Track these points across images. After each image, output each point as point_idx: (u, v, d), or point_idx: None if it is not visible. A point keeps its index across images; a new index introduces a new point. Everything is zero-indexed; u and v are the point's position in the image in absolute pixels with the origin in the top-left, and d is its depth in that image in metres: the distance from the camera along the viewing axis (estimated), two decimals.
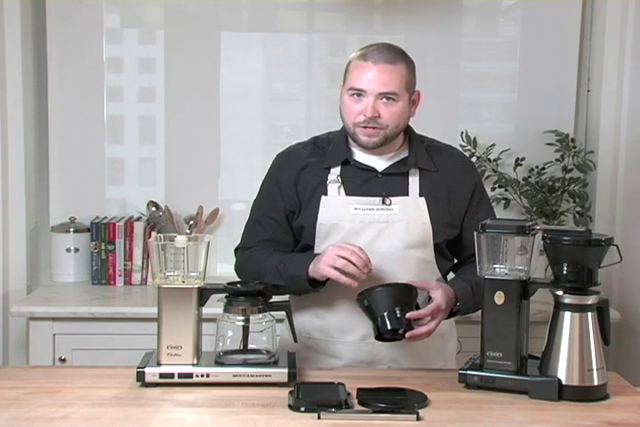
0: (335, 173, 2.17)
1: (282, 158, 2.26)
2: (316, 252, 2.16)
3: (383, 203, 2.14)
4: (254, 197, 2.29)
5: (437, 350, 2.24)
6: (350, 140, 2.18)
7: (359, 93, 2.07)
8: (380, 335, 2.04)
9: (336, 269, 2.01)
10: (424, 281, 2.09)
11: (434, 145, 2.25)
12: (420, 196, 2.16)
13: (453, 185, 2.20)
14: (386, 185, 2.16)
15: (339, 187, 2.16)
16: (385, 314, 2.00)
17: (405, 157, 2.18)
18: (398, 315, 1.99)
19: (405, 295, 2.04)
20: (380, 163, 2.18)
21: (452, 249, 2.25)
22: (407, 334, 2.00)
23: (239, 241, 2.30)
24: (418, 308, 2.05)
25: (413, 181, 2.17)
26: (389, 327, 2.00)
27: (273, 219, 2.22)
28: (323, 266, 2.03)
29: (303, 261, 2.12)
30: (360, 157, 2.18)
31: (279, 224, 2.21)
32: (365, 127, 2.09)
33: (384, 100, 2.06)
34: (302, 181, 2.19)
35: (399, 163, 2.18)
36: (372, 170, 2.17)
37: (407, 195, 2.16)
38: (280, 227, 2.22)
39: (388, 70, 2.05)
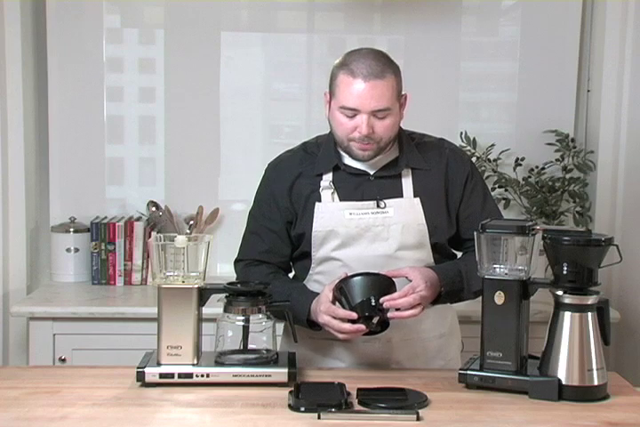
0: (327, 179, 2.14)
1: (273, 169, 2.23)
2: (313, 261, 2.15)
3: (378, 206, 2.12)
4: (252, 199, 2.27)
5: (439, 349, 2.23)
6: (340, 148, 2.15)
7: (352, 111, 2.03)
8: None
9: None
10: (395, 269, 2.05)
11: (424, 141, 2.21)
12: (415, 196, 2.13)
13: (447, 179, 2.17)
14: (379, 188, 2.13)
15: (332, 193, 2.13)
16: (359, 302, 1.97)
17: (396, 158, 2.15)
18: (373, 303, 1.96)
19: (382, 285, 2.00)
20: (371, 166, 2.14)
21: (452, 243, 2.22)
22: (385, 304, 1.94)
23: (237, 253, 2.26)
24: None
25: (407, 182, 2.15)
26: (362, 314, 1.95)
27: (271, 230, 2.19)
28: (318, 319, 2.03)
29: (302, 302, 2.08)
30: (350, 161, 2.14)
31: (277, 235, 2.19)
32: (360, 142, 2.05)
33: (377, 115, 2.02)
34: (296, 191, 2.16)
35: (390, 164, 2.15)
36: (364, 174, 2.14)
37: (401, 196, 2.14)
38: (278, 237, 2.19)
39: (379, 86, 2.00)
